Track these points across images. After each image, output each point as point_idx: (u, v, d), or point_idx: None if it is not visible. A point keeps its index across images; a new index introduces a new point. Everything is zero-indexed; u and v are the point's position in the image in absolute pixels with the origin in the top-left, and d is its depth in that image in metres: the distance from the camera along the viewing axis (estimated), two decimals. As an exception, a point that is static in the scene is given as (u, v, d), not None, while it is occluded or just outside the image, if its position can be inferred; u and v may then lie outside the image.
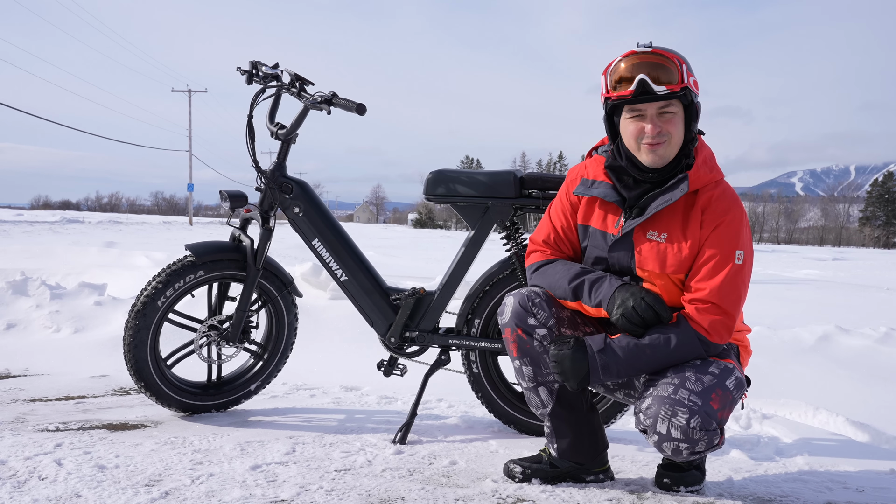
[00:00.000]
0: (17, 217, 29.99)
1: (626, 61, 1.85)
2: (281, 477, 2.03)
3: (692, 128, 1.90)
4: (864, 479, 2.26)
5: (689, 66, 1.86)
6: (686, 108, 1.88)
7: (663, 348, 1.82)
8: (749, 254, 1.88)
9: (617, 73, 1.86)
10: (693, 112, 1.89)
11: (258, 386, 2.79)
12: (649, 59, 1.83)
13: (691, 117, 1.89)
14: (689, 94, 1.85)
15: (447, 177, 2.60)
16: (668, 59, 1.82)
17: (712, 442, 1.77)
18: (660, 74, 1.81)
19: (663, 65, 1.82)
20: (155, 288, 2.51)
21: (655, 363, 1.84)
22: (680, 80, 1.82)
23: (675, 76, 1.82)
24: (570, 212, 2.10)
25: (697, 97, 1.89)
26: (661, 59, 1.82)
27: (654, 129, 1.85)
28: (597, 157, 2.07)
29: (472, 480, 2.09)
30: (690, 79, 1.85)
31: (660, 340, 1.82)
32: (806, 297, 9.41)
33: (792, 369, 4.19)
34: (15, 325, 4.41)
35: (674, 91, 1.82)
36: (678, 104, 1.87)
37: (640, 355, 1.83)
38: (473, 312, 2.62)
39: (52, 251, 9.14)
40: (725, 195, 1.89)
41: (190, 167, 46.59)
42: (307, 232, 2.64)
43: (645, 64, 1.82)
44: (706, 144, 1.97)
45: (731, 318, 1.84)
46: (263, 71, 2.67)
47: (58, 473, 1.97)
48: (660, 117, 1.86)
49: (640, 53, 1.84)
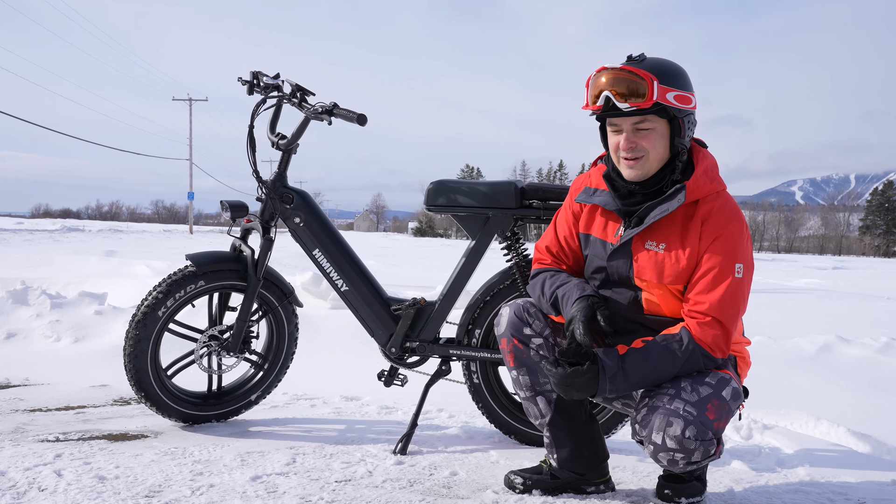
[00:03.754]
0: (18, 226, 30.01)
1: (597, 77, 1.86)
2: (281, 488, 2.02)
3: (676, 143, 1.88)
4: (866, 490, 2.25)
5: (674, 81, 1.82)
6: (671, 122, 1.87)
7: (669, 368, 1.82)
8: (749, 267, 1.87)
9: (594, 86, 1.87)
10: (676, 127, 1.87)
11: (259, 396, 2.79)
12: (617, 75, 1.82)
13: (674, 132, 1.87)
14: (669, 109, 1.83)
15: (448, 187, 2.60)
16: (636, 76, 1.80)
17: (708, 452, 1.77)
18: (627, 91, 1.81)
19: (631, 80, 1.80)
20: (155, 298, 2.51)
21: (660, 380, 1.84)
22: (650, 97, 1.80)
23: (644, 93, 1.80)
24: (573, 221, 2.10)
25: (685, 112, 1.86)
26: (629, 75, 1.81)
27: (627, 144, 1.86)
28: (601, 166, 2.08)
29: (473, 491, 2.08)
30: (669, 94, 1.81)
31: (667, 361, 1.81)
32: (806, 307, 9.40)
33: (793, 379, 4.19)
34: (15, 335, 4.41)
35: (641, 107, 1.81)
36: (657, 119, 1.85)
37: (648, 376, 1.83)
38: (474, 323, 2.62)
39: (52, 260, 9.15)
40: (726, 207, 1.88)
41: (190, 176, 46.66)
42: (308, 242, 2.64)
43: (612, 80, 1.82)
44: (709, 155, 1.96)
45: (728, 332, 1.83)
46: (264, 81, 2.68)
47: (57, 484, 1.96)
48: (635, 133, 1.86)
49: (610, 69, 1.84)
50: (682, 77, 1.85)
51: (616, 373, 1.81)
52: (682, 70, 1.88)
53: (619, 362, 1.82)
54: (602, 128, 1.97)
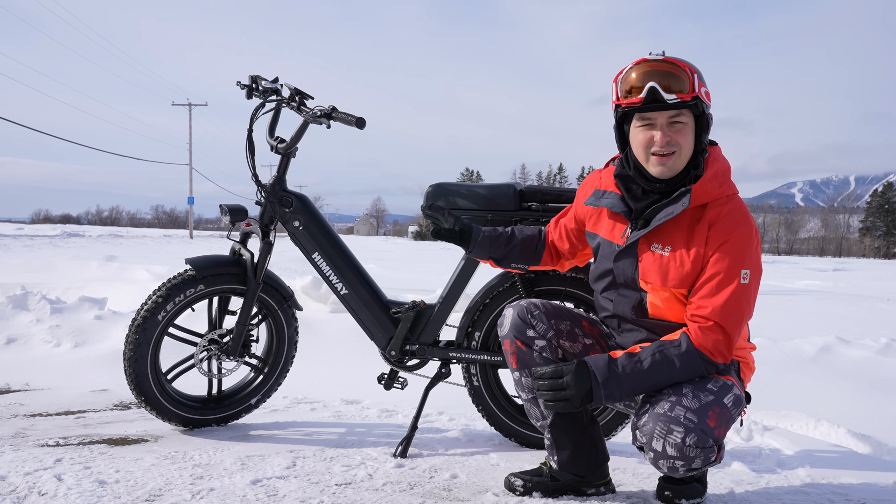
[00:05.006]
0: (18, 231, 30.02)
1: (637, 69, 1.84)
2: (281, 491, 2.02)
3: (703, 139, 1.88)
4: (867, 491, 2.25)
5: (700, 76, 1.83)
6: (697, 119, 1.86)
7: (667, 373, 1.79)
8: (756, 273, 1.83)
9: (628, 80, 1.85)
10: (704, 123, 1.86)
11: (259, 400, 2.79)
12: (660, 67, 1.81)
13: (702, 128, 1.87)
14: (700, 105, 1.83)
15: (447, 190, 2.61)
16: (679, 68, 1.81)
17: (709, 459, 1.75)
18: (671, 83, 1.80)
19: (674, 73, 1.80)
20: (155, 302, 2.51)
21: (659, 386, 1.81)
22: (691, 90, 1.80)
23: (686, 85, 1.80)
24: (577, 217, 2.17)
25: (709, 108, 1.87)
26: (672, 67, 1.81)
27: (664, 139, 1.83)
28: (612, 168, 2.06)
29: (473, 494, 2.08)
30: (702, 89, 1.82)
31: (664, 365, 1.79)
32: (807, 308, 9.41)
33: (793, 381, 4.18)
34: (15, 340, 4.41)
35: (685, 100, 1.80)
36: (689, 114, 1.84)
37: (644, 381, 1.80)
38: (474, 325, 2.62)
39: (52, 265, 9.15)
40: (735, 212, 1.85)
41: (190, 180, 46.69)
42: (307, 245, 2.64)
43: (656, 72, 1.81)
44: (722, 157, 1.93)
45: (731, 339, 1.81)
46: (263, 85, 2.68)
47: (58, 489, 1.96)
48: (670, 127, 1.84)
49: (652, 61, 1.83)
50: (702, 75, 1.86)
51: (608, 377, 1.79)
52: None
53: (609, 365, 1.80)
54: (619, 126, 1.95)
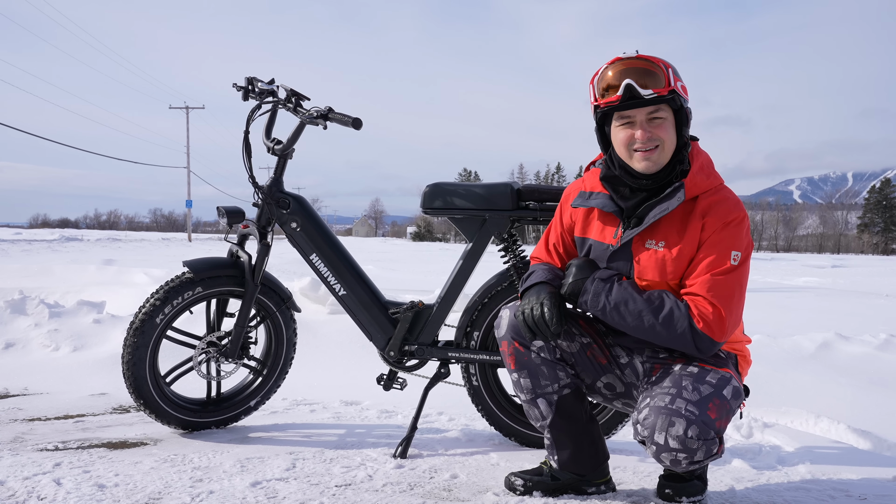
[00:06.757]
0: (16, 236, 29.99)
1: (612, 68, 1.86)
2: (281, 493, 2.02)
3: (684, 133, 1.90)
4: (867, 487, 2.25)
5: (675, 70, 1.86)
6: (676, 113, 1.88)
7: (653, 311, 1.82)
8: (746, 257, 1.86)
9: (604, 80, 1.87)
10: (683, 117, 1.89)
11: (258, 402, 2.79)
12: (635, 64, 1.84)
13: (682, 122, 1.89)
14: (677, 98, 1.86)
15: (444, 190, 2.60)
16: (653, 64, 1.83)
17: (710, 451, 1.76)
18: (646, 79, 1.82)
19: (649, 69, 1.83)
20: (153, 305, 2.51)
21: (640, 319, 1.83)
22: (667, 84, 1.83)
23: (661, 80, 1.83)
24: (564, 227, 2.13)
25: (687, 102, 1.90)
26: (647, 63, 1.83)
27: (644, 135, 1.85)
28: (594, 170, 2.09)
29: (474, 494, 2.08)
30: (678, 83, 1.85)
31: (652, 300, 1.84)
32: (805, 305, 9.41)
33: (792, 377, 4.19)
34: (13, 345, 4.40)
35: (661, 95, 1.82)
36: (667, 109, 1.87)
37: (629, 303, 1.85)
38: (472, 325, 2.62)
39: (50, 270, 9.14)
40: (727, 200, 1.88)
41: (188, 183, 46.66)
42: (305, 247, 2.64)
43: (631, 69, 1.83)
44: (703, 150, 1.97)
45: (721, 313, 1.80)
46: (259, 87, 2.68)
47: (57, 493, 1.96)
48: (650, 123, 1.86)
49: (626, 59, 1.85)
50: (677, 69, 1.89)
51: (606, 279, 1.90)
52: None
53: (612, 275, 1.92)
54: (600, 127, 1.97)
